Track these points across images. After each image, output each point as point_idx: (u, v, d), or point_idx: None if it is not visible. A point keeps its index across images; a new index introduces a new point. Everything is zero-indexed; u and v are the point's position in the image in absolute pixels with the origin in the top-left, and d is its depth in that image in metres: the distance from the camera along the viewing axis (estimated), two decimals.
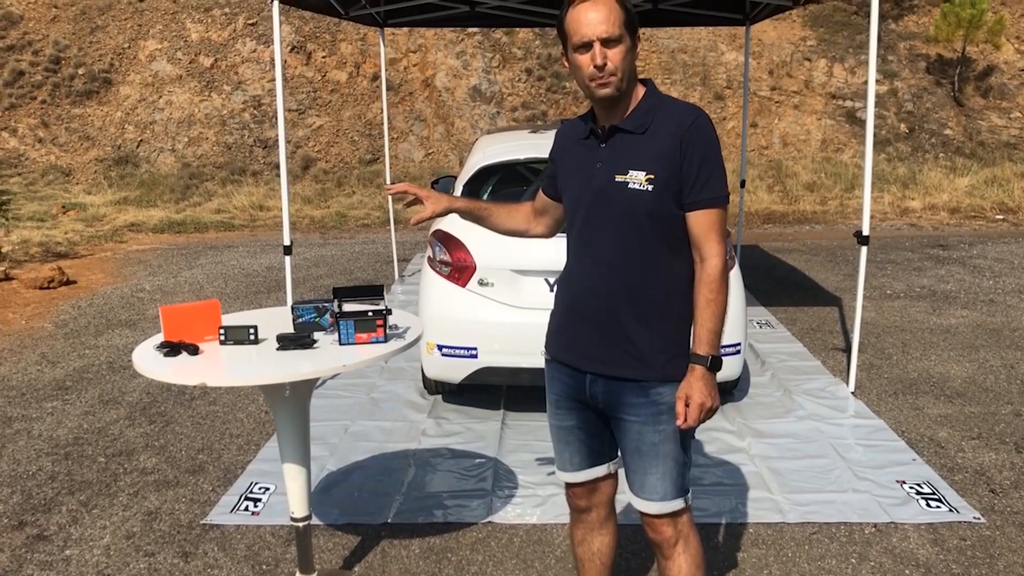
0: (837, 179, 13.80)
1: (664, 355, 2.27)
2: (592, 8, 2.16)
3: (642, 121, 2.25)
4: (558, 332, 2.46)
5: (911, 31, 17.02)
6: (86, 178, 14.80)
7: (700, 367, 2.20)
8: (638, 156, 2.22)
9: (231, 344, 2.86)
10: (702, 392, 2.19)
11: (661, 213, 2.22)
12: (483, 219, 2.67)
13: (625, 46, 2.18)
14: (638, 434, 2.31)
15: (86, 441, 4.69)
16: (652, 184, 2.20)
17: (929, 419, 4.85)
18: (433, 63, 16.26)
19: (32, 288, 8.24)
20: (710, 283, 2.21)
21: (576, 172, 2.36)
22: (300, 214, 12.63)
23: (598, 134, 2.31)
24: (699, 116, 2.22)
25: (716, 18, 7.99)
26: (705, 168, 2.20)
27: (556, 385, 2.48)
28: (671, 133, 2.20)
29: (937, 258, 9.49)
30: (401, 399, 5.18)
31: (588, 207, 2.30)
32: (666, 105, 2.27)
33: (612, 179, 2.24)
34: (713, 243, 2.22)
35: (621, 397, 2.32)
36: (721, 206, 2.23)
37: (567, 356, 2.42)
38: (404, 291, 8.02)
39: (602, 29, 2.15)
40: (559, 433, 2.52)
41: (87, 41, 16.54)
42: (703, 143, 2.20)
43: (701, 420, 2.21)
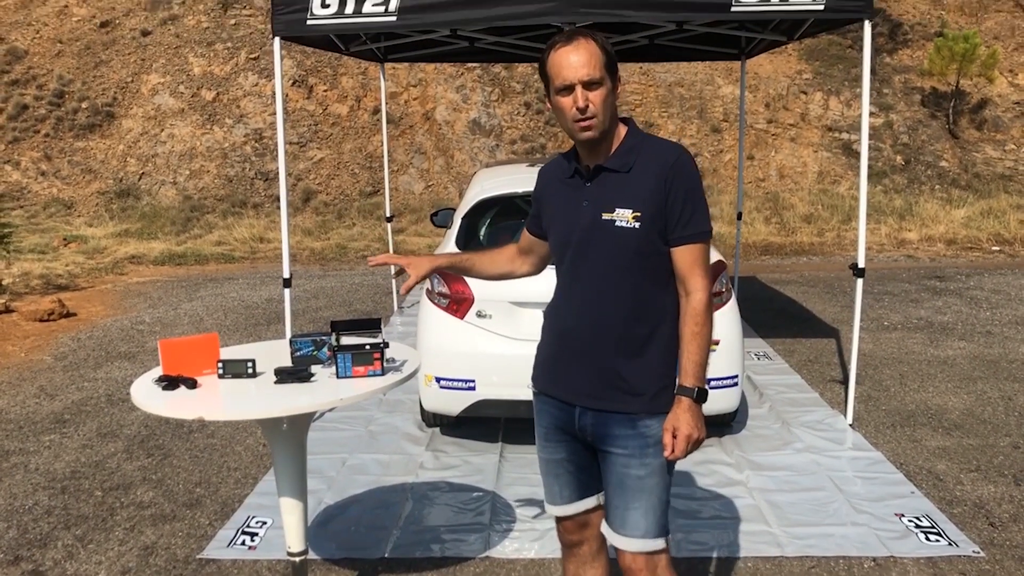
0: (834, 211, 13.87)
1: (652, 388, 2.30)
2: (573, 51, 2.21)
3: (626, 160, 2.30)
4: (546, 366, 2.48)
5: (906, 64, 17.19)
6: (88, 211, 14.88)
7: (687, 399, 2.23)
8: (624, 194, 2.27)
9: (229, 377, 2.87)
10: (689, 424, 2.22)
11: (648, 249, 2.27)
12: (468, 270, 2.74)
13: (606, 88, 2.24)
14: (623, 467, 2.32)
15: (83, 475, 4.68)
16: (639, 221, 2.24)
17: (927, 451, 4.85)
18: (433, 97, 16.41)
19: (32, 320, 8.26)
20: (695, 316, 2.26)
21: (562, 211, 2.40)
22: (300, 246, 12.69)
23: (583, 173, 2.36)
24: (681, 154, 2.28)
25: (712, 53, 8.09)
26: (689, 204, 2.25)
27: (545, 418, 2.50)
28: (655, 171, 2.25)
29: (934, 289, 9.52)
30: (399, 432, 5.18)
31: (576, 245, 2.34)
32: (649, 144, 2.33)
33: (599, 217, 2.28)
34: (698, 277, 2.27)
35: (609, 429, 2.33)
36: (705, 240, 2.29)
37: (556, 390, 2.44)
38: (403, 323, 8.04)
39: (583, 72, 2.20)
40: (548, 466, 2.53)
41: (91, 75, 16.71)
42: (686, 180, 2.26)
43: (688, 451, 2.23)
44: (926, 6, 18.39)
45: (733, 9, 4.83)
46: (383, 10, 4.93)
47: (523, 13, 4.91)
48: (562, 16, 4.94)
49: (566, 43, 2.23)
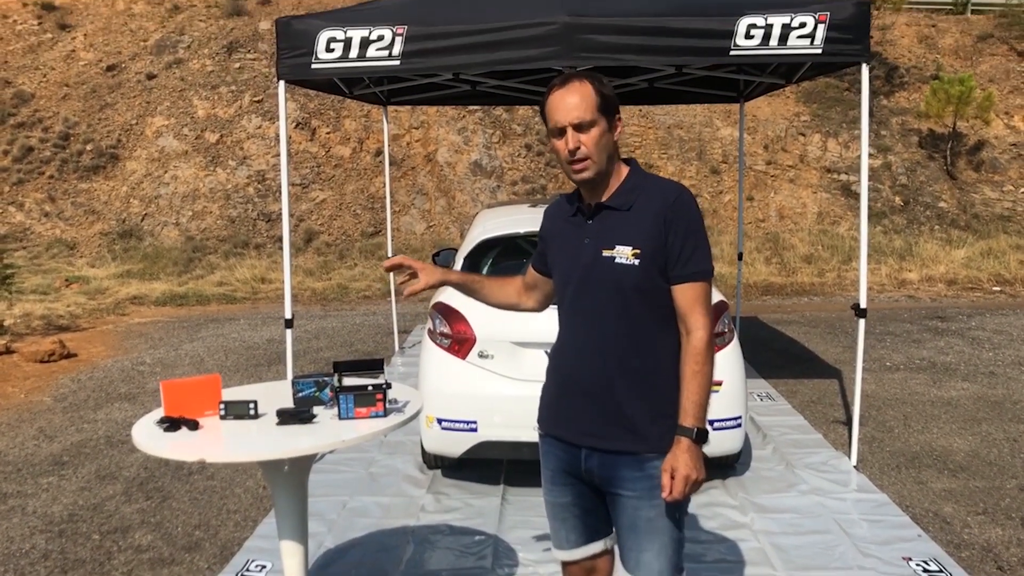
0: (834, 251, 13.91)
1: (658, 427, 2.29)
2: (567, 94, 2.26)
3: (627, 198, 2.32)
4: (551, 407, 2.48)
5: (902, 107, 17.36)
6: (90, 251, 14.92)
7: (686, 439, 2.22)
8: (624, 232, 2.29)
9: (231, 419, 2.86)
10: (687, 464, 2.20)
11: (648, 287, 2.28)
12: (475, 292, 2.74)
13: (600, 129, 2.27)
14: (634, 509, 2.30)
15: (81, 518, 4.64)
16: (638, 259, 2.26)
17: (933, 494, 4.80)
18: (435, 139, 16.55)
19: (32, 361, 8.24)
20: (696, 355, 2.25)
21: (565, 249, 2.42)
22: (302, 286, 12.70)
23: (584, 212, 2.39)
24: (682, 192, 2.30)
25: (711, 96, 8.17)
26: (689, 242, 2.27)
27: (551, 460, 2.48)
28: (655, 209, 2.27)
29: (936, 330, 9.51)
30: (400, 474, 5.14)
31: (577, 282, 2.36)
32: (650, 183, 2.35)
33: (599, 254, 2.30)
34: (698, 316, 2.27)
35: (616, 471, 2.32)
36: (705, 279, 2.30)
37: (561, 431, 2.43)
38: (404, 363, 8.02)
39: (574, 115, 2.25)
40: (554, 510, 2.50)
41: (96, 118, 16.88)
42: (686, 218, 2.27)
43: (687, 493, 2.21)
44: (921, 50, 18.62)
45: (732, 53, 4.89)
46: (387, 54, 5.00)
47: (524, 57, 4.97)
48: (563, 60, 5.00)
49: (561, 86, 2.29)
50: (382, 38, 4.96)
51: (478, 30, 4.91)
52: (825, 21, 4.85)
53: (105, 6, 19.48)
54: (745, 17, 4.83)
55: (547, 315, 4.51)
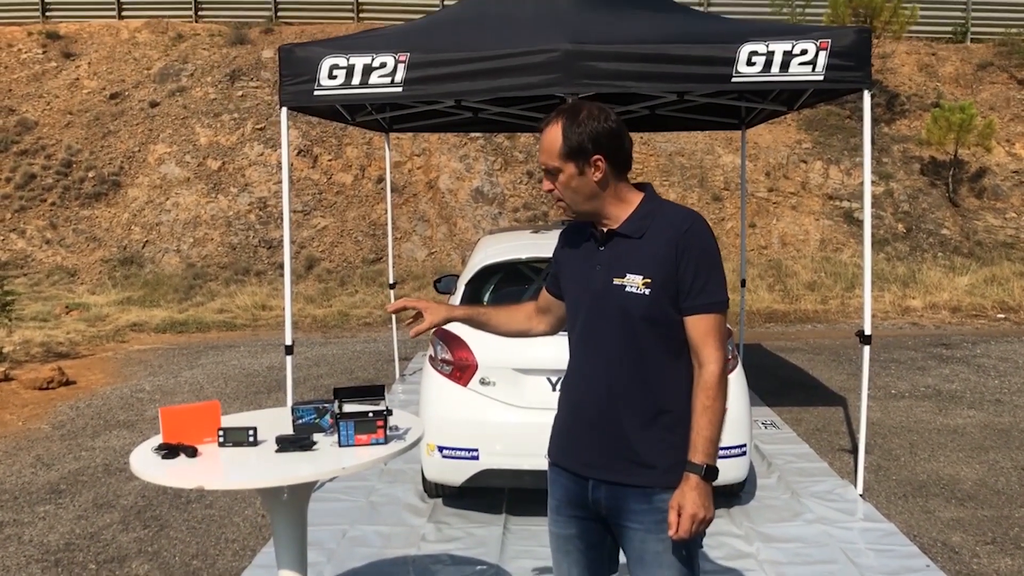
0: (837, 278, 13.88)
1: (667, 460, 2.23)
2: (542, 137, 2.31)
3: (639, 225, 2.28)
4: (560, 436, 2.43)
5: (904, 134, 17.41)
6: (91, 278, 14.91)
7: (695, 476, 2.16)
8: (635, 260, 2.25)
9: (230, 446, 2.82)
10: (695, 503, 2.14)
11: (658, 317, 2.23)
12: (483, 324, 2.69)
13: (568, 174, 2.27)
14: (640, 542, 2.25)
15: (77, 547, 4.57)
16: (649, 288, 2.21)
17: (941, 523, 4.74)
18: (437, 166, 16.60)
19: (31, 388, 8.19)
20: (707, 389, 2.20)
21: (577, 274, 2.39)
22: (302, 313, 12.67)
23: (597, 238, 2.36)
24: (696, 221, 2.25)
25: (713, 123, 8.19)
26: (702, 273, 2.21)
27: (558, 490, 2.43)
28: (667, 238, 2.23)
29: (941, 357, 9.45)
30: (400, 503, 5.08)
31: (588, 309, 2.32)
32: (664, 210, 2.31)
33: (610, 282, 2.26)
34: (711, 348, 2.21)
35: (624, 503, 2.27)
36: (719, 311, 2.24)
37: (569, 461, 2.38)
38: (405, 390, 7.97)
39: (542, 160, 2.31)
40: (558, 542, 2.44)
41: (99, 145, 16.94)
42: (699, 248, 2.22)
43: (694, 532, 2.15)
44: (922, 78, 18.72)
45: (733, 80, 4.90)
46: (389, 81, 5.01)
47: (526, 84, 4.99)
48: (565, 87, 5.01)
49: (543, 125, 2.32)
50: (384, 65, 4.98)
51: (480, 57, 4.93)
52: (827, 48, 4.87)
53: (109, 35, 19.63)
54: (747, 44, 4.85)
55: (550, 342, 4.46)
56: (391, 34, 5.62)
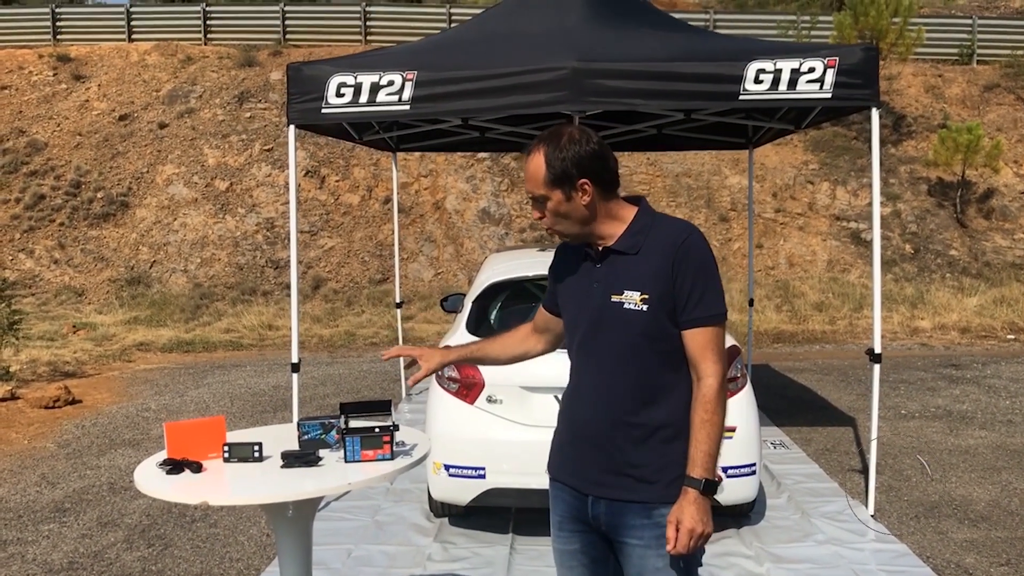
0: (845, 299, 13.82)
1: (666, 476, 2.21)
2: (526, 166, 2.29)
3: (634, 241, 2.27)
4: (560, 452, 2.42)
5: (910, 155, 17.41)
6: (98, 298, 14.94)
7: (693, 491, 2.14)
8: (632, 276, 2.23)
9: (235, 461, 2.80)
10: (693, 517, 2.12)
11: (657, 332, 2.21)
12: (481, 359, 2.72)
13: (556, 200, 2.26)
14: (640, 558, 2.23)
15: (81, 566, 4.54)
16: (646, 304, 2.20)
17: (954, 544, 4.67)
18: (444, 187, 16.64)
19: (37, 407, 8.18)
20: (705, 403, 2.18)
21: (574, 292, 2.38)
22: (309, 333, 12.65)
23: (592, 256, 2.34)
24: (691, 234, 2.23)
25: (720, 142, 8.19)
26: (699, 286, 2.20)
27: (559, 506, 2.41)
28: (662, 252, 2.21)
29: (951, 378, 9.38)
30: (406, 522, 5.03)
31: (586, 327, 2.31)
32: (659, 224, 2.29)
33: (608, 299, 2.25)
34: (709, 362, 2.19)
35: (623, 519, 2.25)
36: (717, 324, 2.22)
37: (569, 477, 2.37)
38: (411, 410, 7.93)
39: (529, 188, 2.29)
40: (562, 557, 2.42)
41: (107, 166, 17.04)
42: (695, 261, 2.21)
43: (692, 547, 2.13)
44: (928, 99, 18.75)
45: (741, 98, 4.89)
46: (397, 99, 5.02)
47: (533, 102, 4.98)
48: (572, 105, 5.01)
49: (526, 154, 2.30)
50: (392, 83, 4.99)
51: (487, 75, 4.93)
52: (834, 66, 4.86)
53: (119, 57, 19.81)
54: (754, 62, 4.84)
55: (556, 359, 4.44)
56: (399, 52, 5.65)
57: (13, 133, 17.83)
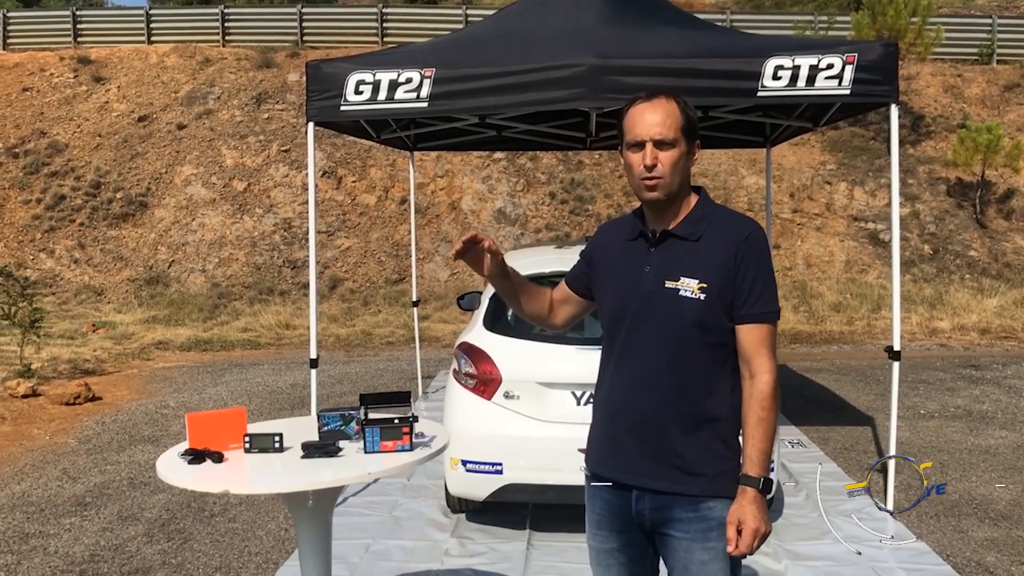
0: (863, 300, 13.74)
1: (714, 469, 2.18)
2: (651, 109, 2.18)
3: (695, 228, 2.22)
4: (599, 445, 2.34)
5: (929, 155, 17.29)
6: (117, 297, 15.07)
7: (752, 489, 2.11)
8: (691, 263, 2.19)
9: (256, 452, 2.82)
10: (756, 517, 2.09)
11: (711, 323, 2.18)
12: (516, 293, 2.49)
13: (679, 151, 2.19)
14: (685, 551, 2.19)
15: (102, 558, 4.58)
16: (704, 293, 2.15)
17: (975, 543, 4.64)
18: (460, 187, 16.67)
19: (58, 404, 8.26)
20: (762, 400, 2.15)
21: (621, 274, 2.30)
22: (326, 332, 12.70)
23: (648, 237, 2.27)
24: (756, 229, 2.21)
25: (737, 141, 8.17)
26: (759, 282, 2.18)
27: (598, 503, 2.34)
28: (726, 243, 2.17)
29: (970, 378, 9.31)
30: (424, 517, 5.05)
31: (635, 312, 2.24)
32: (720, 215, 2.25)
33: (662, 284, 2.19)
34: (764, 358, 2.18)
35: (669, 512, 2.20)
36: (773, 321, 2.20)
37: (610, 471, 2.29)
38: (428, 407, 7.95)
39: (656, 131, 2.16)
40: (599, 556, 2.35)
41: (127, 167, 17.18)
42: (758, 257, 2.19)
43: (755, 548, 2.10)
44: (947, 99, 18.61)
45: (759, 94, 4.88)
46: (415, 96, 5.03)
47: (551, 99, 4.99)
48: (589, 102, 5.02)
49: (646, 100, 2.21)
50: (410, 80, 5.01)
51: (505, 72, 4.95)
52: (853, 62, 4.84)
53: (139, 59, 19.97)
54: (772, 58, 4.83)
55: (573, 356, 4.47)
56: (417, 50, 5.67)
57: (35, 134, 18.01)
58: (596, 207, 16.33)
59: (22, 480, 6.03)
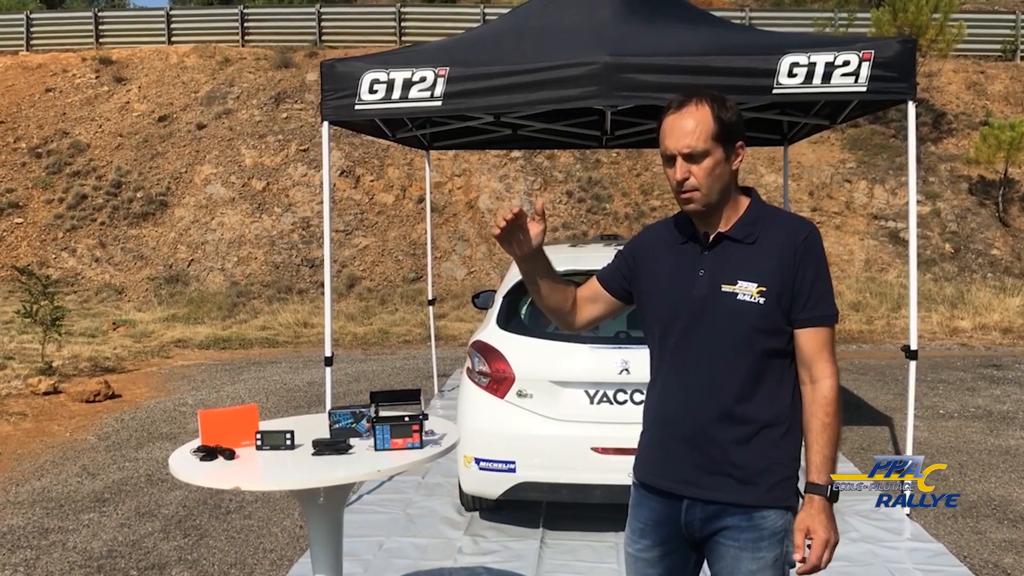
0: (883, 299, 13.63)
1: (768, 477, 2.13)
2: (680, 119, 2.11)
3: (751, 231, 2.16)
4: (650, 453, 2.28)
5: (951, 153, 17.12)
6: (137, 296, 15.20)
7: (820, 498, 2.07)
8: (748, 267, 2.13)
9: (267, 449, 2.84)
10: (826, 526, 2.05)
11: (769, 328, 2.11)
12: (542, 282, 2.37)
13: (714, 159, 2.10)
14: (734, 560, 2.14)
15: (119, 554, 4.63)
16: (764, 297, 2.09)
17: (992, 544, 4.59)
18: (477, 186, 16.69)
19: (78, 401, 8.34)
20: (825, 406, 2.10)
21: (671, 278, 2.22)
22: (343, 331, 12.76)
23: (701, 240, 2.20)
24: (813, 230, 2.16)
25: (755, 139, 8.12)
26: (819, 285, 2.13)
27: (644, 512, 2.28)
28: (784, 245, 2.12)
29: (991, 378, 9.21)
30: (438, 515, 5.06)
31: (688, 317, 2.16)
32: (775, 216, 2.20)
33: (718, 288, 2.13)
34: (826, 363, 2.12)
35: (721, 521, 2.16)
36: (832, 325, 2.15)
37: (662, 481, 2.23)
38: (443, 406, 7.96)
39: (684, 143, 2.09)
40: (637, 564, 2.30)
41: (147, 166, 17.34)
42: (817, 259, 2.14)
43: (828, 560, 2.05)
44: (970, 96, 18.43)
45: (774, 92, 4.85)
46: (429, 95, 5.04)
47: (564, 97, 4.98)
48: (603, 100, 5.01)
49: (677, 108, 2.13)
50: (424, 79, 5.02)
51: (519, 70, 4.94)
52: (869, 59, 4.80)
53: (159, 60, 20.14)
54: (788, 55, 4.80)
55: (586, 355, 4.47)
56: (431, 49, 5.68)
57: (57, 135, 18.21)
58: (613, 206, 16.30)
59: (42, 476, 6.10)
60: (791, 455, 2.15)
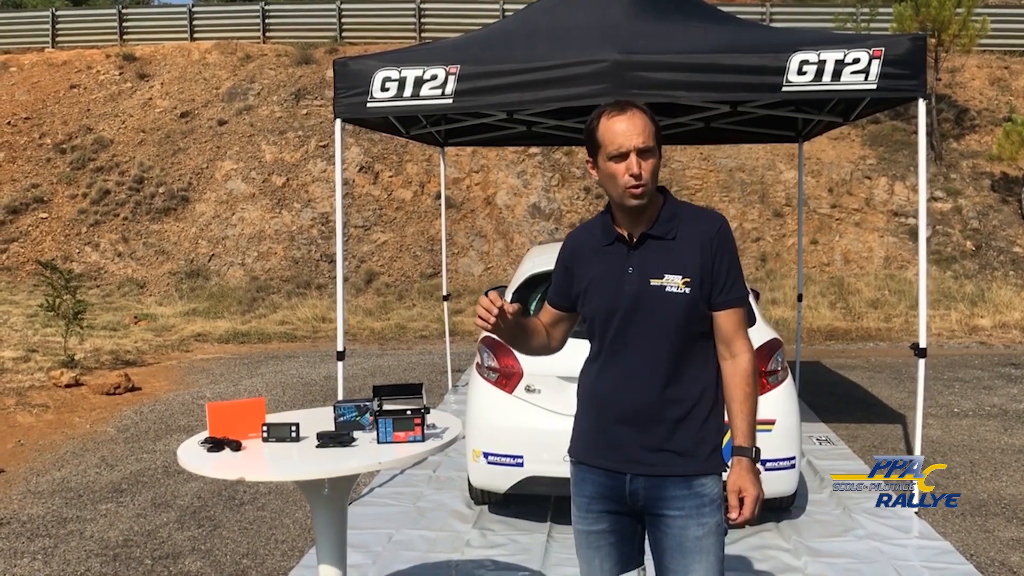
0: (902, 296, 13.54)
1: (705, 448, 2.34)
2: (628, 120, 2.29)
3: (669, 227, 2.37)
4: (588, 436, 2.45)
5: (973, 150, 16.96)
6: (159, 290, 15.39)
7: (747, 459, 2.29)
8: (672, 261, 2.33)
9: (273, 441, 2.91)
10: (755, 484, 2.28)
11: (696, 314, 2.33)
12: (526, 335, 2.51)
13: (656, 158, 2.33)
14: (680, 529, 2.32)
15: (135, 543, 4.73)
16: (688, 287, 2.31)
17: (1000, 543, 4.59)
18: (495, 182, 16.74)
19: (99, 393, 8.49)
20: (746, 377, 2.34)
21: (604, 279, 2.40)
22: (361, 325, 12.86)
23: (626, 240, 2.39)
24: (724, 222, 2.39)
25: (769, 135, 8.11)
26: (732, 270, 2.35)
27: (588, 487, 2.45)
28: (700, 238, 2.34)
29: (1009, 377, 9.14)
30: (447, 509, 5.12)
31: (623, 312, 2.35)
32: (688, 211, 2.42)
33: (647, 283, 2.33)
34: (742, 340, 2.36)
35: (663, 492, 2.34)
36: (744, 305, 2.39)
37: (606, 461, 2.40)
38: (457, 400, 8.02)
39: (639, 140, 2.28)
40: (588, 538, 2.46)
41: (169, 162, 17.53)
42: (729, 247, 2.36)
43: (757, 513, 2.27)
44: (993, 92, 18.23)
45: (784, 89, 4.86)
46: (440, 93, 5.09)
47: (574, 95, 5.01)
48: (613, 97, 5.02)
49: (619, 112, 2.30)
50: (435, 77, 5.07)
51: (529, 68, 4.98)
52: (880, 57, 4.80)
53: (181, 56, 20.34)
54: (797, 53, 4.81)
55: None
56: (442, 47, 5.73)
57: (81, 131, 18.45)
58: None
59: (62, 467, 6.22)
60: (718, 425, 2.37)
